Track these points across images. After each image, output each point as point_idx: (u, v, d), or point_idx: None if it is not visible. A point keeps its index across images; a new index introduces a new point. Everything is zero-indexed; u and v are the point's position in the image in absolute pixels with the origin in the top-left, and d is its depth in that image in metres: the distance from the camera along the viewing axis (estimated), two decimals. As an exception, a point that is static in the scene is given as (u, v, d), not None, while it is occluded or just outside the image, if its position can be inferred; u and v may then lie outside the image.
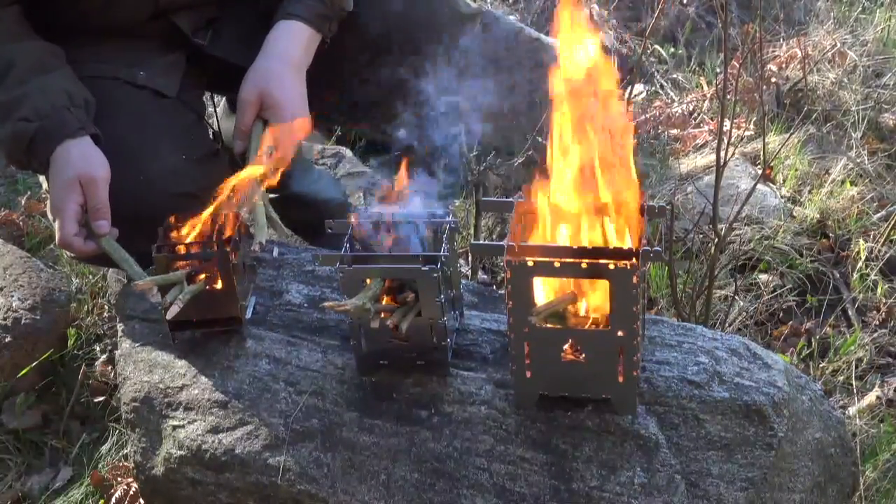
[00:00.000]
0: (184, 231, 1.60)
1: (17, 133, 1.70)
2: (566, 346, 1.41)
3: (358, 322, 1.48)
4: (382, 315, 1.47)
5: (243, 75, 1.90)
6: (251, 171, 1.62)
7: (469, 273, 2.48)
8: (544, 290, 1.42)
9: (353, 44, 2.00)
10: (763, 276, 2.59)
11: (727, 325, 2.34)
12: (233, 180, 1.59)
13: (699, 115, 3.34)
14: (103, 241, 1.67)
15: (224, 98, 2.30)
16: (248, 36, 1.99)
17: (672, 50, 3.76)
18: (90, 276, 2.46)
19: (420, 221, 1.54)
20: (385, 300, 1.49)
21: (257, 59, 1.87)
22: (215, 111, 2.26)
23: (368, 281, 1.46)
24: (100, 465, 2.00)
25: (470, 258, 2.59)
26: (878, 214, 2.80)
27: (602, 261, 1.33)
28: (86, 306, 2.39)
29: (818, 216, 2.79)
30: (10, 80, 1.71)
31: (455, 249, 1.56)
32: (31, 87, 1.72)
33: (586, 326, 1.41)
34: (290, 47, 1.87)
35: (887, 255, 2.61)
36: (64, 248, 1.70)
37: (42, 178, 1.86)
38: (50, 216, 1.72)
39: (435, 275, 1.43)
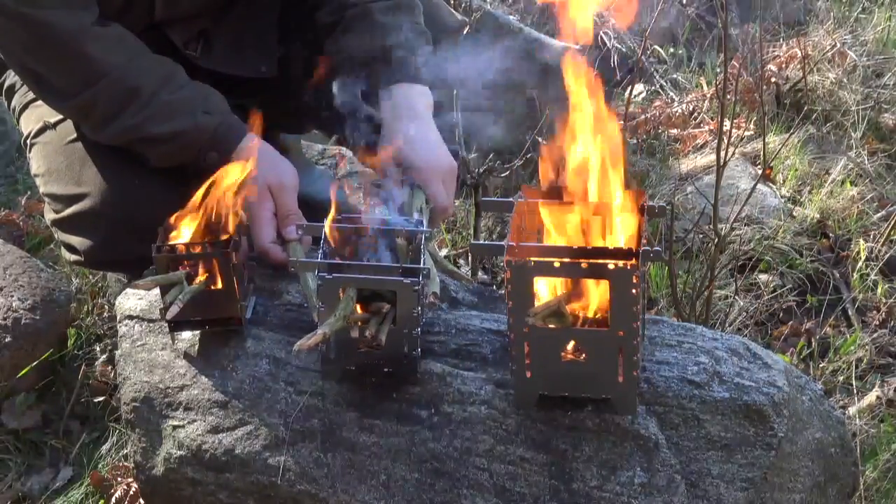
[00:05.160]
0: (184, 231, 1.60)
1: (200, 125, 1.73)
2: (566, 346, 1.41)
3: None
4: (359, 324, 1.47)
5: (234, 84, 1.89)
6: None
7: (469, 273, 2.48)
8: (545, 290, 1.42)
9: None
10: (763, 276, 2.59)
11: (727, 325, 2.35)
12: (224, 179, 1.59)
13: (699, 115, 3.34)
14: (291, 246, 1.69)
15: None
16: (239, 46, 1.99)
17: (672, 50, 3.76)
18: (90, 277, 2.46)
19: (394, 229, 1.54)
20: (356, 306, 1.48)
21: (385, 124, 1.85)
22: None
23: (342, 292, 1.45)
24: (100, 465, 2.00)
25: (470, 258, 2.59)
26: (878, 214, 2.80)
27: (602, 261, 1.33)
28: (86, 306, 2.39)
29: (818, 216, 2.80)
30: (174, 84, 1.76)
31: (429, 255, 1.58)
32: (199, 89, 1.77)
33: (586, 326, 1.41)
34: (414, 105, 1.87)
35: (887, 255, 2.62)
36: (261, 255, 1.72)
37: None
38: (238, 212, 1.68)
39: (416, 288, 1.43)
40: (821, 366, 2.28)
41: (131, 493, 1.85)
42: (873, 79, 3.41)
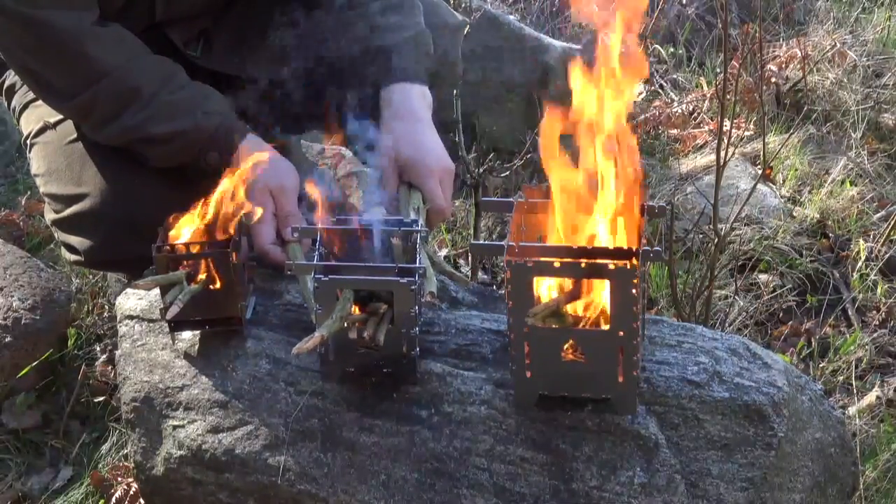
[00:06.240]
0: (183, 230, 1.60)
1: (201, 125, 1.73)
2: (566, 346, 1.41)
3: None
4: (357, 325, 1.47)
5: (234, 84, 1.89)
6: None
7: (469, 273, 2.48)
8: (545, 290, 1.42)
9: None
10: (763, 276, 2.59)
11: (727, 325, 2.35)
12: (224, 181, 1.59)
13: (699, 115, 3.34)
14: (291, 248, 1.68)
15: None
16: (239, 46, 1.99)
17: (672, 50, 3.76)
18: (90, 277, 2.46)
19: (388, 228, 1.55)
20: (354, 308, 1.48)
21: (383, 123, 1.85)
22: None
23: (339, 293, 1.45)
24: (100, 465, 2.00)
25: (470, 258, 2.59)
26: (878, 214, 2.80)
27: (602, 261, 1.33)
28: (86, 306, 2.39)
29: (818, 216, 2.80)
30: (174, 84, 1.76)
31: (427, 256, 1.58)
32: (200, 90, 1.77)
33: (586, 326, 1.41)
34: (412, 105, 1.87)
35: (887, 255, 2.62)
36: (261, 256, 1.71)
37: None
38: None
39: (412, 288, 1.43)
40: (821, 366, 2.28)
41: (131, 493, 1.85)
42: (873, 79, 3.41)
